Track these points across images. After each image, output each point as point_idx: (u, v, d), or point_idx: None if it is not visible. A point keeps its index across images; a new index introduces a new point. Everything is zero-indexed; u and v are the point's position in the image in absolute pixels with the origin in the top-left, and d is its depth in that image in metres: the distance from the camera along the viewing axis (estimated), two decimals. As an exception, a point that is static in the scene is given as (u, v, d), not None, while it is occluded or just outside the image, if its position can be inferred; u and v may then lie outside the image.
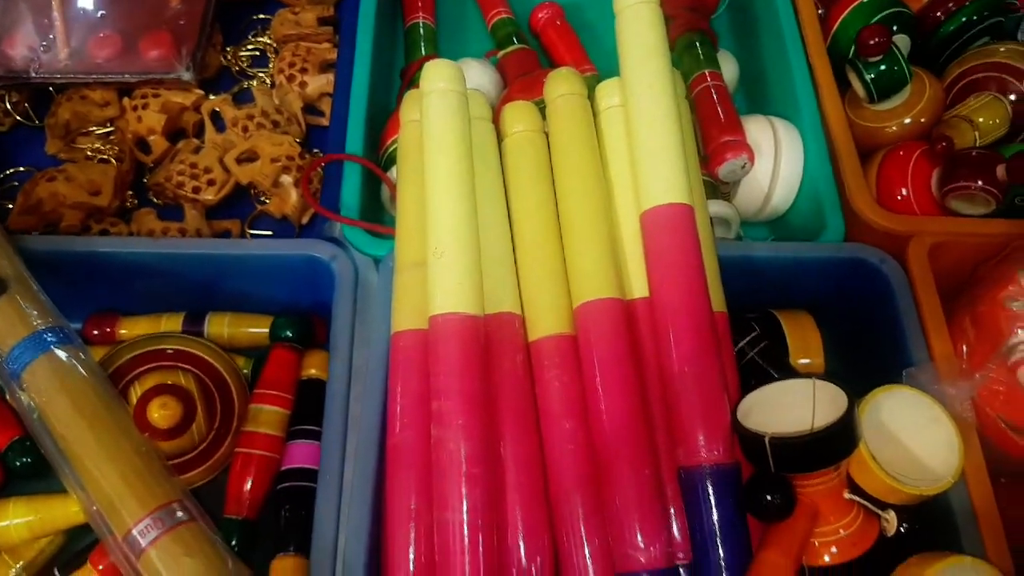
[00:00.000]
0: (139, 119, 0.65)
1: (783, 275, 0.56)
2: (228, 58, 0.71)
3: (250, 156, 0.62)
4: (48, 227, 0.60)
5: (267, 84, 0.70)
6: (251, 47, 0.73)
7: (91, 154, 0.64)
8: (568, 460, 0.46)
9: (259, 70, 0.71)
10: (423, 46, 0.70)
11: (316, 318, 0.56)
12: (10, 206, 0.60)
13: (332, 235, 0.57)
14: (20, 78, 0.65)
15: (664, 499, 0.45)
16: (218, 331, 0.55)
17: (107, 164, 0.63)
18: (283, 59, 0.68)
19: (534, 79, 0.62)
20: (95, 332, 0.56)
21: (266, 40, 0.72)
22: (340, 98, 0.62)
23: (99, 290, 0.56)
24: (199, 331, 0.55)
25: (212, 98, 0.67)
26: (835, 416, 0.42)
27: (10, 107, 0.67)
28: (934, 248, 0.54)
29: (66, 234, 0.58)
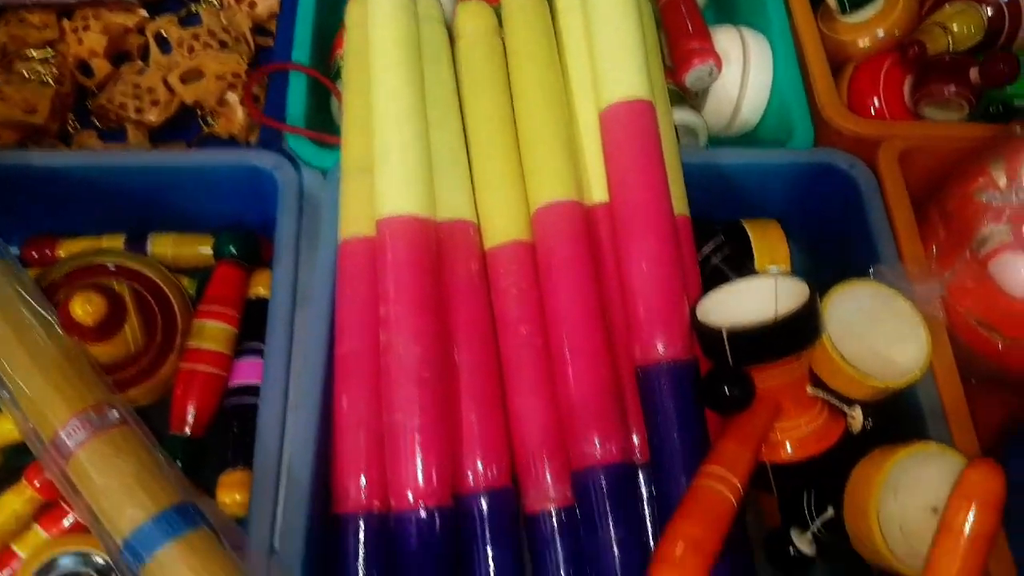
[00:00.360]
0: (80, 41, 0.62)
1: (750, 183, 0.54)
2: (174, -21, 0.68)
3: (195, 74, 0.60)
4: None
5: (215, 6, 0.67)
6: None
7: (29, 76, 0.61)
8: (525, 366, 0.45)
9: (207, -8, 0.68)
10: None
11: (264, 239, 0.53)
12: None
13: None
14: (-47, 0, 0.62)
15: (621, 400, 0.43)
16: (162, 251, 0.53)
17: (46, 86, 0.60)
18: (232, -22, 0.65)
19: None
20: (33, 254, 0.53)
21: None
22: (287, 13, 0.59)
23: (36, 210, 0.53)
24: (142, 251, 0.53)
25: (157, 19, 0.64)
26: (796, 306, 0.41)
27: (-57, 31, 0.64)
28: (905, 154, 0.53)
29: (-2, 152, 0.55)
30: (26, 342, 0.40)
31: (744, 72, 0.58)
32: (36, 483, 0.43)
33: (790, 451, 0.43)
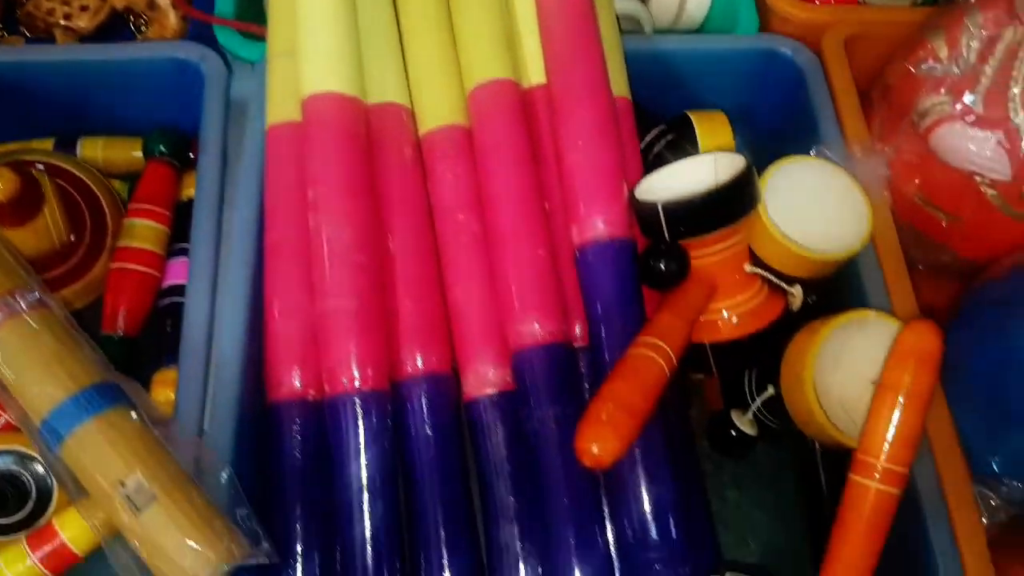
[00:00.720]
0: (5, -52, 0.60)
1: (696, 73, 0.53)
2: None
3: (125, -22, 0.58)
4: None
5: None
6: None
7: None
8: (462, 252, 0.44)
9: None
10: None
11: (196, 140, 0.52)
12: None
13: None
14: None
15: (560, 282, 0.43)
16: (92, 154, 0.51)
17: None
18: None
19: None
20: (-42, 161, 0.52)
21: None
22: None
23: (-40, 116, 0.51)
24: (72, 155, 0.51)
25: (87, -74, 0.62)
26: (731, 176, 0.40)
27: None
28: (850, 40, 0.52)
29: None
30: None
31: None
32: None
33: (729, 329, 0.43)
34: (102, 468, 0.36)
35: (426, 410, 0.42)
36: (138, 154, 0.51)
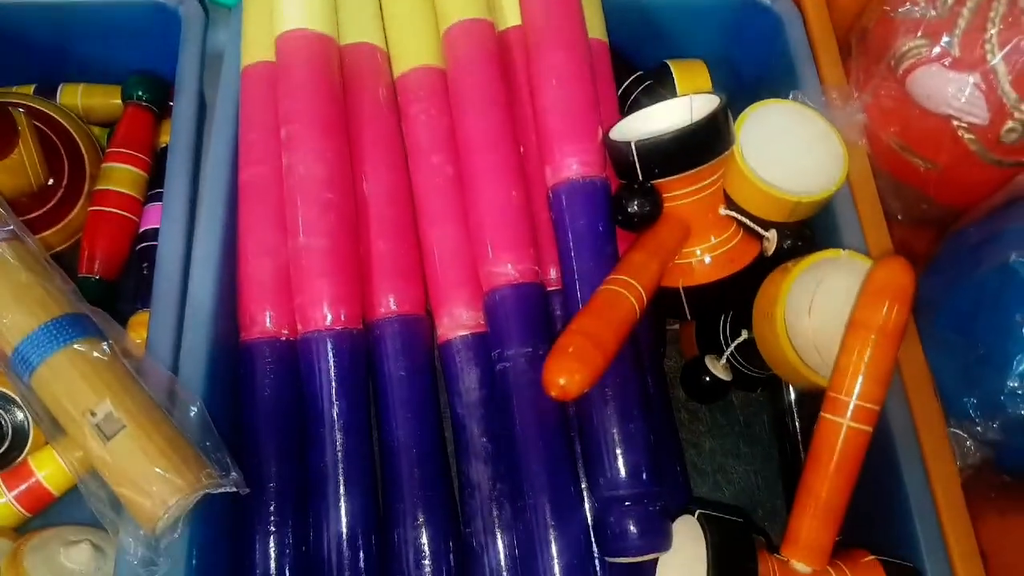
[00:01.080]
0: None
1: (675, 22, 0.53)
2: None
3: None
4: None
5: None
6: None
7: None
8: (436, 194, 0.44)
9: None
10: None
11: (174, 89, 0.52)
12: None
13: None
14: None
15: (533, 223, 0.43)
16: (71, 100, 0.51)
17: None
18: None
19: None
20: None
21: None
22: None
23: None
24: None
25: None
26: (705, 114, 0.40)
27: None
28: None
29: None
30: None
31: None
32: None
33: (703, 272, 0.43)
34: (72, 397, 0.36)
35: (399, 351, 0.42)
36: (117, 101, 0.51)
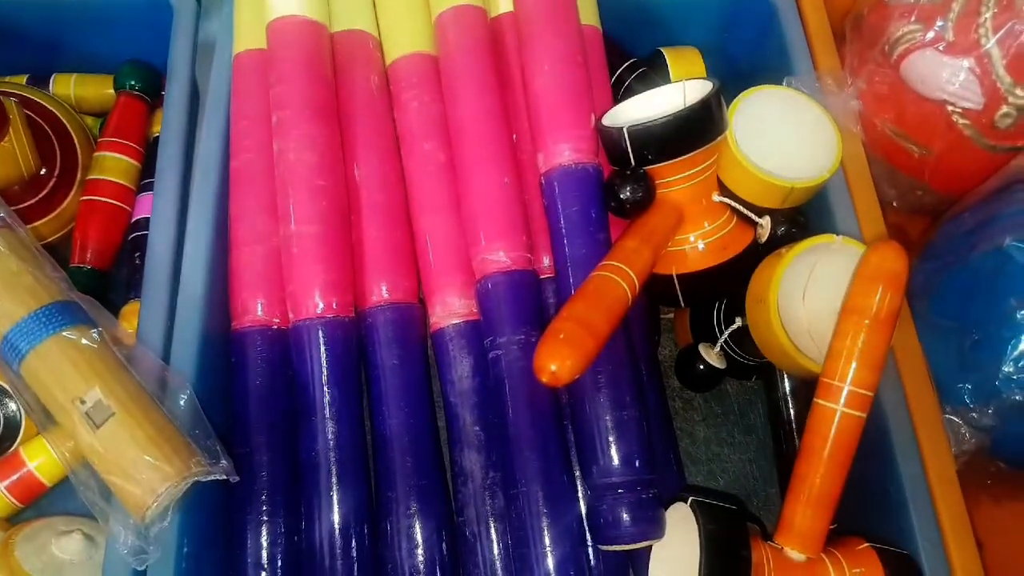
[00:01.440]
0: None
1: (669, 10, 0.52)
2: None
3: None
4: None
5: None
6: None
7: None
8: (428, 182, 0.44)
9: None
10: None
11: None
12: None
13: None
14: None
15: (525, 210, 0.42)
16: (64, 91, 0.51)
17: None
18: None
19: None
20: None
21: None
22: None
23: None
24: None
25: None
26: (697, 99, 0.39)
27: None
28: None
29: None
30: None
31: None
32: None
33: (697, 259, 0.43)
34: (61, 385, 0.36)
35: (391, 339, 0.42)
36: (110, 91, 0.51)
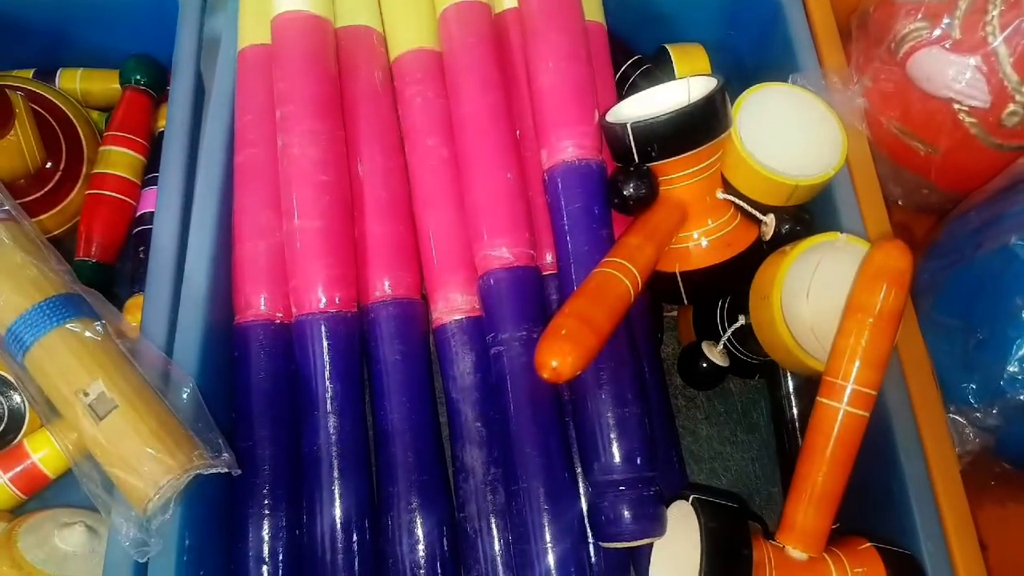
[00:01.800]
0: None
1: (673, 6, 0.52)
2: None
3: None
4: None
5: None
6: None
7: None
8: (432, 178, 0.44)
9: None
10: None
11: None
12: None
13: None
14: None
15: (528, 206, 0.42)
16: (70, 85, 0.51)
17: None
18: None
19: None
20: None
21: None
22: None
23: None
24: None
25: None
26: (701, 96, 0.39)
27: None
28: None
29: None
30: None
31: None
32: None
33: (700, 256, 0.42)
34: (65, 376, 0.36)
35: (394, 334, 0.42)
36: (116, 86, 0.51)
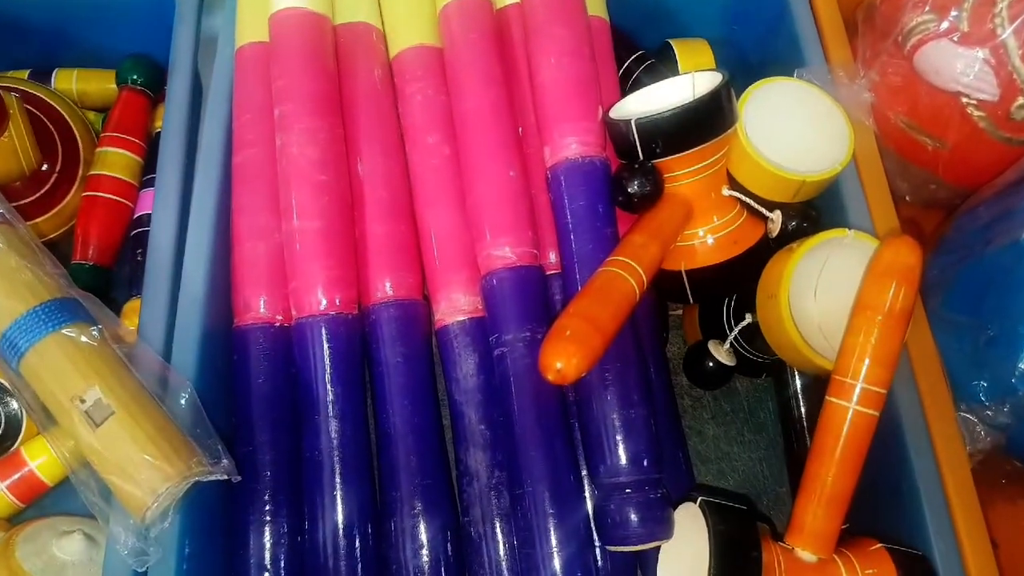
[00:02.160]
0: None
1: (676, 2, 0.52)
2: None
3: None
4: None
5: None
6: None
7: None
8: (433, 176, 0.43)
9: None
10: None
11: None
12: None
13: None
14: None
15: (531, 204, 0.42)
16: (66, 86, 0.51)
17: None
18: None
19: None
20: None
21: None
22: None
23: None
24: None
25: None
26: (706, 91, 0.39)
27: None
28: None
29: None
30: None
31: None
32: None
33: (706, 254, 0.42)
34: (61, 383, 0.35)
35: (396, 336, 0.41)
36: (112, 86, 0.51)
